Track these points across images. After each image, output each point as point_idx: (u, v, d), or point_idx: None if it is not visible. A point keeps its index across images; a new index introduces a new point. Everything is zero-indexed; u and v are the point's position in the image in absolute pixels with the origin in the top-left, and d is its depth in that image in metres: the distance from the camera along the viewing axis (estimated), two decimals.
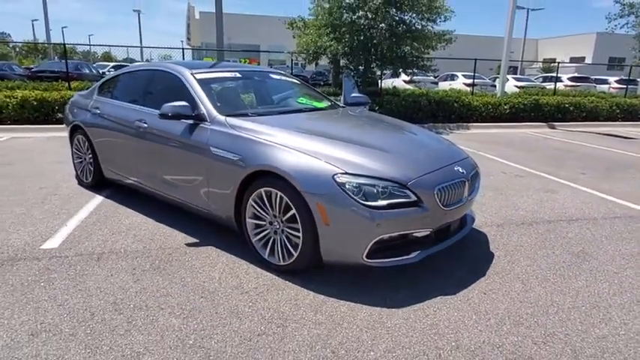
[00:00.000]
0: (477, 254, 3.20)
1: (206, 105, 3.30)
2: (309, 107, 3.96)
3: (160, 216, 3.81)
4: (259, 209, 2.85)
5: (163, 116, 3.23)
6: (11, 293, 2.52)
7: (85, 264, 2.92)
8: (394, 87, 13.73)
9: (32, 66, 23.69)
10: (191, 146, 3.24)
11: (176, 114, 3.22)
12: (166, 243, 3.28)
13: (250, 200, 2.87)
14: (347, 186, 2.47)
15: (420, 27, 11.56)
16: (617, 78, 22.00)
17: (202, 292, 2.58)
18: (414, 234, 2.62)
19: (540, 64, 42.59)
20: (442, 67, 14.63)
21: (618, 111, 12.03)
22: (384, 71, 12.15)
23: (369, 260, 2.51)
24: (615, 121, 11.95)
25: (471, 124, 10.83)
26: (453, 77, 20.85)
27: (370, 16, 11.08)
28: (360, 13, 11.47)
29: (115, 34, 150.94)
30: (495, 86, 20.60)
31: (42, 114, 8.88)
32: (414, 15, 11.56)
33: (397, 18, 11.44)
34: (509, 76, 23.34)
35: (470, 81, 19.25)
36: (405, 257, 2.58)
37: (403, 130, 3.55)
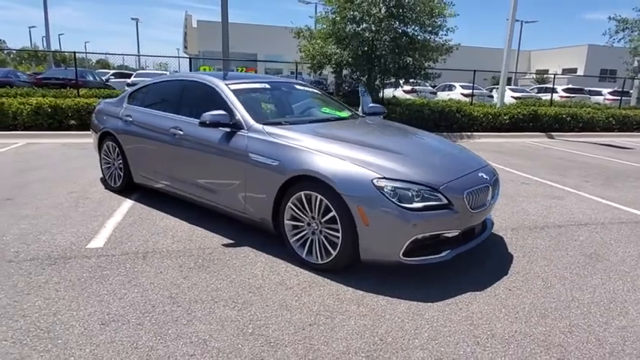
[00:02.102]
0: (497, 255, 3.42)
1: (242, 114, 3.52)
2: (334, 116, 4.19)
3: (193, 218, 4.00)
4: (298, 211, 3.06)
5: (203, 124, 3.45)
6: (72, 288, 2.70)
7: (133, 262, 3.10)
8: (394, 97, 14.07)
9: (32, 73, 23.81)
10: (229, 152, 3.45)
11: (215, 122, 3.44)
12: (204, 243, 3.48)
13: (289, 203, 3.08)
14: (385, 189, 2.69)
15: (422, 39, 11.93)
16: (610, 90, 22.53)
17: (249, 287, 2.78)
18: (445, 234, 2.85)
19: (534, 75, 43.32)
20: (441, 78, 15.02)
21: (614, 122, 12.42)
22: (386, 81, 12.46)
23: (406, 258, 2.73)
24: (611, 131, 12.33)
25: (472, 133, 11.14)
26: (450, 87, 21.27)
27: (374, 29, 11.42)
28: (364, 25, 11.81)
29: (111, 42, 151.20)
30: (492, 97, 21.09)
31: (56, 120, 9.04)
32: (417, 28, 11.94)
33: (400, 30, 11.79)
34: (506, 87, 23.84)
35: (467, 91, 19.71)
36: (437, 256, 2.80)
37: (426, 138, 3.80)
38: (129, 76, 24.13)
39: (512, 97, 20.96)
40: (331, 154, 2.96)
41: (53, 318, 2.36)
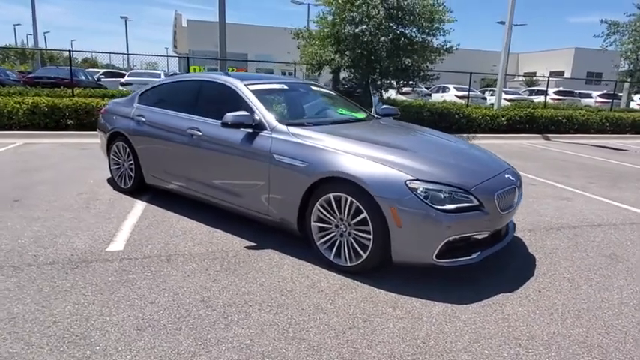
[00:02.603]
0: (520, 256, 3.45)
1: (264, 114, 3.49)
2: (353, 118, 4.18)
3: (209, 220, 3.95)
4: (326, 213, 3.04)
5: (225, 125, 3.41)
6: (100, 292, 2.64)
7: (158, 265, 3.04)
8: (389, 97, 14.14)
9: (18, 71, 23.30)
10: (252, 154, 3.41)
11: (238, 123, 3.40)
12: (226, 246, 3.43)
13: (317, 205, 3.05)
14: (418, 191, 2.69)
15: (420, 40, 12.01)
16: (600, 92, 22.96)
17: (281, 290, 2.75)
18: (475, 236, 2.85)
19: (522, 78, 43.88)
20: (434, 79, 15.15)
21: (607, 124, 12.66)
22: (386, 82, 12.50)
23: (438, 260, 2.73)
24: (605, 133, 12.56)
25: (470, 135, 11.23)
26: (444, 89, 21.44)
27: (373, 31, 11.44)
28: (364, 27, 11.84)
29: (98, 41, 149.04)
30: (485, 98, 21.34)
31: (53, 120, 8.86)
32: (415, 29, 12.01)
33: (398, 32, 11.84)
34: (495, 89, 24.13)
35: (461, 93, 19.90)
36: (467, 258, 2.81)
37: (448, 140, 3.81)
38: (120, 75, 23.79)
39: (505, 99, 21.22)
40: (360, 155, 2.95)
41: (86, 323, 2.31)
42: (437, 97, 18.94)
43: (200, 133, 3.80)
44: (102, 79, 20.73)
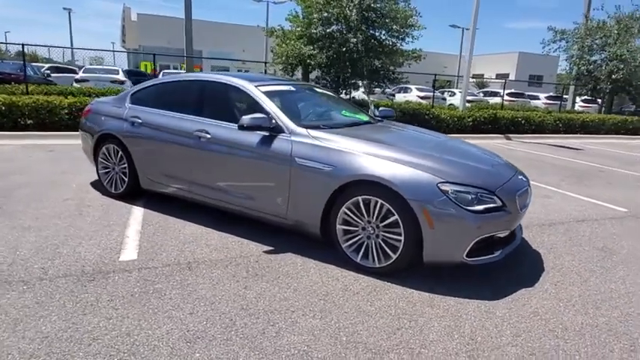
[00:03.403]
0: (528, 253, 3.65)
1: (281, 117, 3.45)
2: (360, 120, 4.22)
3: (216, 224, 3.84)
4: (353, 216, 3.06)
5: (242, 128, 3.34)
6: (130, 304, 2.51)
7: (181, 274, 2.93)
8: (353, 98, 14.36)
9: None
10: (269, 157, 3.37)
11: (256, 126, 3.35)
12: (244, 251, 3.36)
13: (343, 207, 3.07)
14: (450, 193, 2.78)
15: (389, 43, 12.29)
16: (547, 94, 24.59)
17: (317, 295, 2.74)
18: (499, 235, 3.00)
19: (473, 80, 45.87)
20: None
21: (561, 125, 13.61)
22: (358, 83, 12.69)
23: (469, 259, 2.84)
24: (558, 133, 13.49)
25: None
26: (406, 90, 22.05)
27: (345, 30, 11.56)
28: (334, 27, 11.94)
29: (35, 33, 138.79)
30: (445, 99, 22.20)
31: (10, 120, 8.19)
32: (384, 32, 12.28)
33: (369, 34, 12.05)
34: (455, 90, 25.18)
35: (423, 94, 20.63)
36: (492, 256, 2.95)
37: (462, 143, 3.95)
38: (69, 70, 22.35)
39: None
40: (387, 158, 3.00)
41: (129, 339, 2.19)
42: (400, 98, 19.45)
43: (209, 136, 3.68)
44: (51, 75, 19.39)
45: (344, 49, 11.36)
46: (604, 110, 18.38)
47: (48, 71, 20.99)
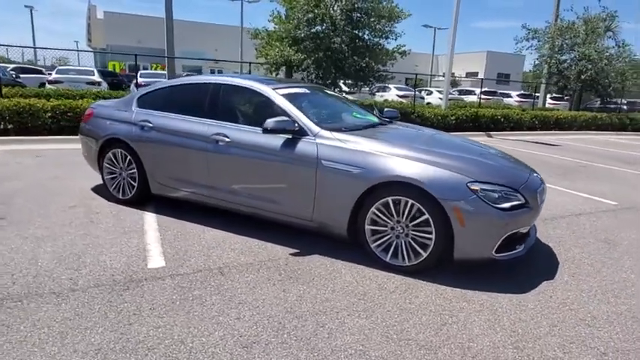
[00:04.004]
0: (540, 246, 3.81)
1: (303, 120, 3.48)
2: (372, 121, 4.29)
3: (234, 228, 3.83)
4: (382, 216, 3.13)
5: (266, 131, 3.36)
6: (174, 312, 2.49)
7: (216, 279, 2.92)
8: None
9: None
10: (294, 160, 3.39)
11: (280, 129, 3.37)
12: (271, 254, 3.37)
13: (373, 208, 3.14)
14: (479, 192, 2.89)
15: (373, 43, 12.45)
16: (518, 92, 25.47)
17: (355, 295, 2.79)
18: (521, 230, 3.13)
19: (442, 78, 46.70)
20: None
21: (537, 122, 14.16)
22: (347, 83, 12.80)
23: (497, 255, 2.96)
24: (535, 130, 14.04)
25: None
26: (385, 89, 22.34)
27: (328, 31, 11.63)
28: (318, 28, 11.99)
29: None
30: (423, 98, 22.65)
31: None
32: (368, 32, 12.43)
33: (352, 34, 12.16)
34: (432, 89, 25.71)
35: (402, 92, 21.01)
36: (516, 251, 3.08)
37: (476, 143, 4.08)
38: (36, 71, 21.45)
39: (440, 98, 22.72)
40: (414, 159, 3.08)
41: (184, 347, 2.18)
42: (378, 97, 19.72)
43: (228, 139, 3.67)
44: (19, 76, 18.53)
45: (329, 50, 11.43)
46: (572, 107, 19.22)
47: (13, 72, 20.08)
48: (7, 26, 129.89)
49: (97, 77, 15.22)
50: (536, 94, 20.69)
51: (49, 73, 22.63)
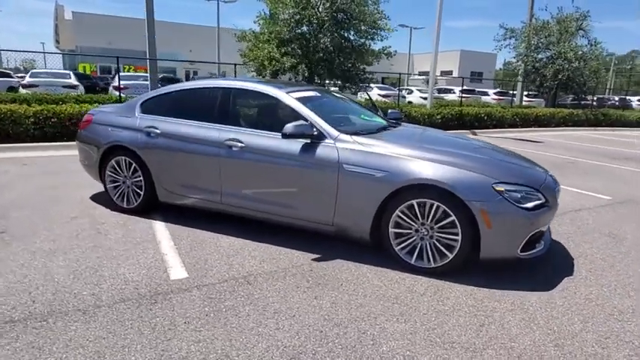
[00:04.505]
0: (553, 244, 3.89)
1: (320, 123, 3.45)
2: (382, 123, 4.28)
3: (250, 235, 3.76)
4: (406, 219, 3.14)
5: (285, 136, 3.32)
6: (211, 325, 2.42)
7: (244, 288, 2.86)
8: None
9: None
10: (314, 164, 3.36)
11: (300, 133, 3.33)
12: (293, 261, 3.33)
13: (397, 211, 3.14)
14: (504, 193, 2.94)
15: (359, 44, 12.53)
16: (495, 90, 26.09)
17: (388, 299, 2.79)
18: (542, 229, 3.20)
19: (417, 76, 47.27)
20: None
21: (518, 119, 14.54)
22: (332, 82, 12.82)
23: (522, 253, 3.01)
24: (516, 127, 14.41)
25: None
26: (366, 89, 22.48)
27: (315, 32, 11.63)
28: (305, 28, 11.97)
29: None
30: (405, 97, 22.90)
31: None
32: (353, 33, 12.49)
33: (339, 34, 12.20)
34: (413, 88, 26.02)
35: (384, 92, 21.18)
36: (539, 249, 3.15)
37: (487, 144, 4.14)
38: (4, 75, 20.59)
39: (420, 97, 23.07)
40: (437, 161, 3.10)
41: None
42: (360, 96, 19.82)
43: (242, 145, 3.60)
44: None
45: (317, 50, 11.43)
46: (548, 104, 19.83)
47: None
48: None
49: (73, 80, 14.70)
50: (513, 92, 21.25)
51: (18, 77, 21.77)
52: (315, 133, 3.38)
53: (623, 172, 7.65)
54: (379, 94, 20.69)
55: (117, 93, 13.58)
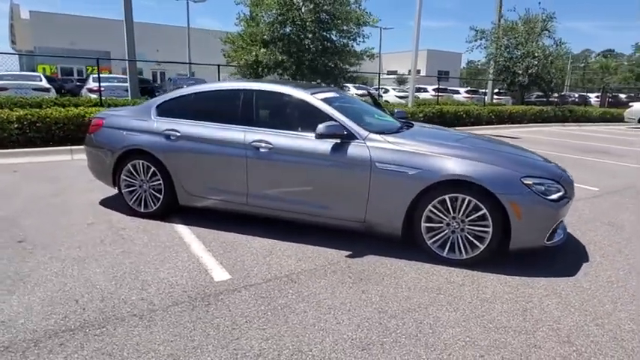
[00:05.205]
0: None
1: (349, 123, 3.55)
2: (396, 122, 4.42)
3: (278, 235, 3.81)
4: (438, 213, 3.29)
5: (319, 136, 3.41)
6: (271, 324, 2.47)
7: (291, 286, 2.92)
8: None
9: None
10: (346, 163, 3.46)
11: (331, 134, 3.43)
12: (328, 258, 3.41)
13: (429, 206, 3.28)
14: (532, 186, 3.14)
15: (341, 44, 12.69)
16: (466, 89, 26.94)
17: (432, 290, 2.92)
18: (562, 219, 3.43)
19: (385, 75, 47.89)
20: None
21: (494, 117, 15.13)
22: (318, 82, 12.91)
23: (548, 242, 3.22)
24: (492, 124, 14.98)
25: None
26: (343, 88, 22.70)
27: (299, 33, 11.70)
28: (288, 29, 12.01)
29: None
30: (382, 96, 23.26)
31: None
32: (335, 33, 12.64)
33: (322, 34, 12.31)
34: (388, 87, 26.46)
35: (361, 92, 21.43)
36: (560, 238, 3.39)
37: (501, 141, 4.36)
38: None
39: (396, 96, 23.54)
40: (467, 157, 3.27)
41: (305, 355, 2.19)
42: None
43: (271, 146, 3.65)
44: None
45: (301, 50, 11.50)
46: (517, 101, 20.70)
47: None
48: None
49: (45, 83, 14.12)
50: (482, 91, 22.06)
51: None
52: (345, 133, 3.48)
53: (602, 165, 8.16)
54: (356, 94, 20.94)
55: (91, 95, 13.21)
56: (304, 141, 3.58)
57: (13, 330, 2.36)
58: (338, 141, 3.50)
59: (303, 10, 11.45)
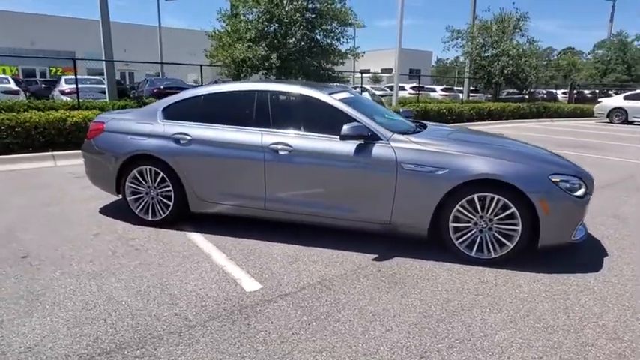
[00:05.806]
0: None
1: (373, 125, 3.50)
2: (412, 123, 4.39)
3: (297, 240, 3.71)
4: (466, 213, 3.28)
5: (344, 138, 3.34)
6: (322, 333, 2.39)
7: (327, 294, 2.84)
8: None
9: None
10: (371, 165, 3.39)
11: (356, 135, 3.36)
12: (356, 263, 3.34)
13: (457, 206, 3.27)
14: (559, 183, 3.17)
15: (326, 44, 12.64)
16: (442, 87, 27.44)
17: (469, 291, 2.90)
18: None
19: (358, 74, 48.30)
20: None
21: (474, 113, 15.44)
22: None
23: (574, 239, 3.26)
24: (473, 121, 15.29)
25: None
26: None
27: (283, 31, 11.57)
28: (274, 27, 11.85)
29: None
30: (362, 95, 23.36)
31: None
32: (320, 32, 12.58)
33: (306, 34, 12.22)
34: (368, 86, 26.59)
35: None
36: (583, 233, 3.44)
37: (515, 139, 4.39)
38: None
39: (378, 94, 23.64)
40: (493, 156, 3.27)
41: None
42: None
43: (291, 148, 3.54)
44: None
45: (286, 49, 11.37)
46: (492, 98, 21.22)
47: None
48: None
49: (13, 85, 13.41)
50: (459, 88, 22.51)
51: None
52: (369, 134, 3.42)
53: (588, 160, 8.43)
54: None
55: (64, 98, 12.63)
56: (326, 143, 3.49)
57: (43, 357, 2.17)
58: (362, 142, 3.44)
59: (287, 9, 11.31)
